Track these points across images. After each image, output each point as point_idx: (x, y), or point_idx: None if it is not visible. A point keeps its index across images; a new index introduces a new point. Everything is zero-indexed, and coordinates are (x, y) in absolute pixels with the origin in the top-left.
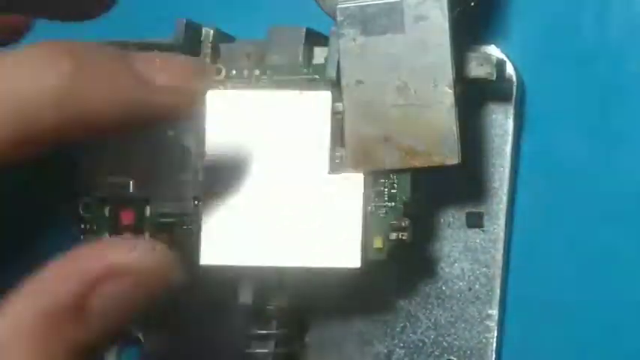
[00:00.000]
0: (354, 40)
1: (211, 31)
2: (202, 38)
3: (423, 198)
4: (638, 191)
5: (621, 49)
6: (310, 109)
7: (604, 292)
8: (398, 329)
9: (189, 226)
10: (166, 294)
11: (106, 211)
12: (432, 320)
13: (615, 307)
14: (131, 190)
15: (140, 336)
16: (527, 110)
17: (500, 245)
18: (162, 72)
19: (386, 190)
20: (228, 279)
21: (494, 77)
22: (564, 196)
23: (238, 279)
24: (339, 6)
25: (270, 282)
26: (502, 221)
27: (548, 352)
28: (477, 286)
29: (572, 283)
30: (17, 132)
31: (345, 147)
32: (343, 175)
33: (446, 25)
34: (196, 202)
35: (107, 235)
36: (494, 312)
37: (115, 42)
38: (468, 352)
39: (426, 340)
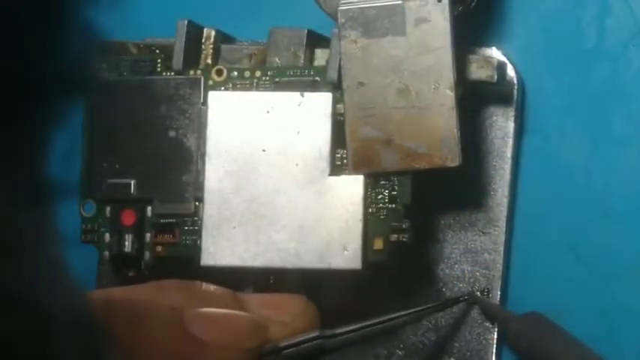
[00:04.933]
0: (355, 42)
1: (213, 32)
2: (204, 39)
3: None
4: (638, 192)
5: (621, 51)
6: (311, 111)
7: (603, 294)
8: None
9: (190, 227)
10: None
11: (107, 212)
12: (433, 322)
13: (615, 309)
14: (132, 190)
15: None
16: (527, 112)
17: (501, 247)
18: (214, 329)
19: (386, 191)
20: (228, 280)
21: (495, 80)
22: (564, 197)
23: (238, 280)
24: (340, 8)
25: (271, 283)
26: (502, 223)
27: None
28: (477, 288)
29: (572, 284)
30: None
31: (346, 149)
32: (344, 176)
33: (447, 27)
34: (197, 203)
35: (107, 235)
36: None
37: (115, 42)
38: (468, 353)
39: (426, 342)
